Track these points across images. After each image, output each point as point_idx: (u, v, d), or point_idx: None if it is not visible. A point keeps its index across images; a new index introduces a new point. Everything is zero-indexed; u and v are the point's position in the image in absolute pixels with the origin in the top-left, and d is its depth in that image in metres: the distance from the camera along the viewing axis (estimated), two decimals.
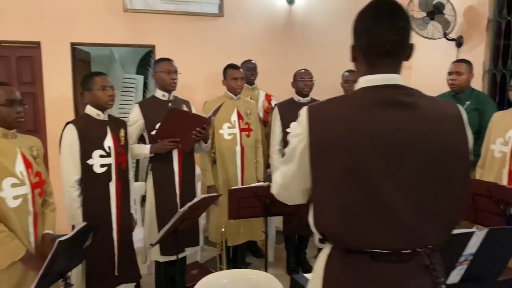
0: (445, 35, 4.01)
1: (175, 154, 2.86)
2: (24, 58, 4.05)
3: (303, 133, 1.18)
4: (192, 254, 3.18)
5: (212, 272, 3.48)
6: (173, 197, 2.88)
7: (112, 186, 2.49)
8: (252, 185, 2.72)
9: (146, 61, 5.87)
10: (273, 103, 4.03)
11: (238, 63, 3.84)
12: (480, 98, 3.07)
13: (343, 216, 1.13)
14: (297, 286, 1.86)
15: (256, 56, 4.07)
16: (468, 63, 3.14)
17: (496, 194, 2.06)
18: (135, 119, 2.82)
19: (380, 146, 1.10)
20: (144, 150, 2.79)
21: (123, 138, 2.59)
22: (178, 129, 2.68)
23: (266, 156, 3.70)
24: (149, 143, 2.84)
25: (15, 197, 1.88)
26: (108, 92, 2.46)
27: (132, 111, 2.86)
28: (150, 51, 5.84)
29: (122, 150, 2.56)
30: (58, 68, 3.98)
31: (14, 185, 1.88)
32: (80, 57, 4.43)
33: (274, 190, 1.36)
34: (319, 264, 1.25)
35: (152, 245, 2.49)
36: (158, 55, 4.24)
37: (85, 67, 4.68)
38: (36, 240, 2.00)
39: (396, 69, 1.19)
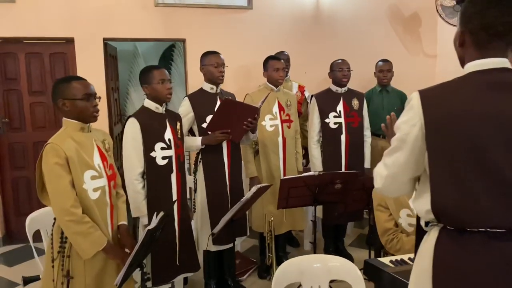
0: None
1: (224, 146, 2.90)
2: (57, 54, 4.08)
3: (416, 117, 1.22)
4: None
5: (254, 262, 3.57)
6: (223, 189, 2.93)
7: (173, 178, 2.54)
8: (304, 174, 2.78)
9: (168, 55, 5.89)
10: (306, 94, 4.08)
11: (267, 55, 3.88)
12: None
13: (464, 196, 1.16)
14: (372, 268, 1.91)
15: (284, 48, 4.11)
16: None
17: None
18: (185, 112, 2.86)
19: (499, 127, 1.14)
20: (196, 142, 2.84)
21: (179, 131, 2.64)
22: (230, 120, 2.72)
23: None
24: (199, 136, 2.89)
25: (95, 189, 1.93)
26: (167, 85, 2.50)
27: (182, 104, 2.90)
28: (172, 45, 5.87)
29: (180, 142, 2.61)
30: (91, 64, 4.01)
31: (93, 178, 1.93)
32: (110, 53, 4.46)
33: (378, 183, 1.37)
34: (427, 246, 1.28)
35: (214, 234, 2.54)
36: (189, 48, 4.29)
37: (113, 63, 4.71)
38: (113, 231, 2.05)
39: (505, 53, 1.22)
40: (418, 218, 1.42)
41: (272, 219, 3.21)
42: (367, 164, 3.65)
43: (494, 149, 1.14)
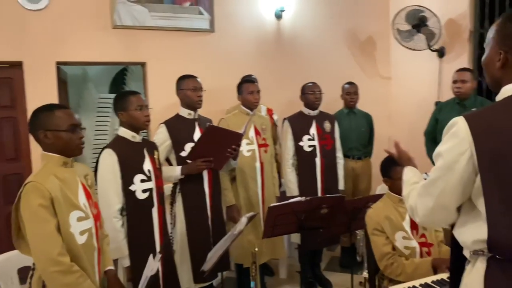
0: (429, 46, 4.25)
1: (205, 175, 2.74)
2: (2, 80, 3.68)
3: (465, 145, 1.16)
4: None
5: None
6: (205, 221, 2.75)
7: (155, 212, 2.33)
8: (291, 200, 2.67)
9: (120, 79, 5.60)
10: (275, 117, 4.03)
11: (231, 79, 3.80)
12: (484, 104, 3.27)
13: None
14: None
15: (249, 71, 4.05)
16: (471, 71, 3.34)
17: None
18: (162, 140, 2.66)
19: None
20: (175, 172, 2.65)
21: (157, 160, 2.43)
22: (213, 147, 2.58)
23: None
24: (177, 165, 2.70)
25: (82, 232, 1.69)
26: (145, 112, 2.31)
27: (158, 132, 2.70)
28: (124, 68, 5.60)
29: (159, 173, 2.41)
30: (42, 90, 3.65)
31: (80, 219, 1.69)
32: (61, 77, 4.12)
33: (420, 216, 1.32)
34: (474, 277, 1.23)
35: (205, 272, 2.33)
36: (150, 72, 4.08)
37: (63, 88, 4.36)
38: (100, 278, 1.80)
39: None
40: (453, 246, 1.36)
41: (256, 249, 3.05)
42: (341, 186, 3.64)
43: None
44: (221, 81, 4.17)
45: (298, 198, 2.69)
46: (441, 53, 4.33)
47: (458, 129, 1.18)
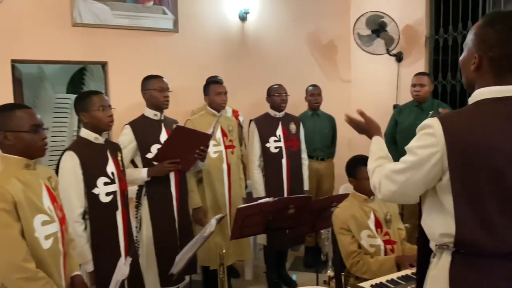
0: (388, 51, 4.40)
1: (172, 177, 2.70)
2: None
3: (438, 145, 1.21)
4: None
5: None
6: (172, 223, 2.71)
7: (119, 216, 2.26)
8: (260, 201, 2.68)
9: (78, 79, 5.40)
10: (241, 118, 4.03)
11: (195, 80, 3.77)
12: (440, 106, 3.43)
13: (484, 222, 1.18)
14: None
15: (213, 72, 4.03)
16: (428, 75, 3.50)
17: None
18: (127, 141, 2.60)
19: None
20: (141, 174, 2.59)
21: (121, 163, 2.37)
22: (181, 148, 2.54)
23: None
24: (143, 167, 2.64)
25: (47, 237, 1.61)
26: (108, 112, 2.24)
27: (123, 133, 2.63)
28: (83, 67, 5.40)
29: (123, 175, 2.34)
30: None
31: (45, 223, 1.62)
32: (14, 76, 3.92)
33: (382, 195, 1.38)
34: (440, 270, 1.28)
35: (174, 275, 2.29)
36: (112, 72, 3.96)
37: (18, 88, 4.15)
38: (66, 283, 1.73)
39: None
40: (420, 239, 1.42)
41: (224, 251, 3.03)
42: (306, 187, 3.70)
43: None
44: (185, 82, 4.12)
45: (266, 199, 2.71)
46: (399, 57, 4.50)
47: (434, 131, 1.22)
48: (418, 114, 3.51)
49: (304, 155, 3.71)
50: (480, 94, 1.25)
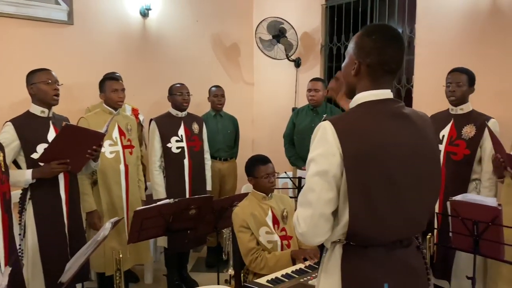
0: (287, 56, 4.61)
1: (61, 178, 2.50)
2: None
3: (333, 150, 1.25)
4: None
5: None
6: (60, 229, 2.51)
7: None
8: (159, 203, 2.61)
9: None
10: (141, 117, 3.89)
11: (92, 75, 3.57)
12: (334, 111, 3.68)
13: (376, 218, 1.27)
14: None
15: (112, 69, 3.84)
16: (323, 81, 3.73)
17: None
18: (9, 140, 2.35)
19: (402, 154, 1.29)
20: (25, 176, 2.35)
21: (3, 163, 2.13)
22: (70, 148, 2.36)
23: None
24: (27, 168, 2.41)
25: None
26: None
27: (3, 131, 2.37)
28: None
29: (5, 177, 2.10)
30: None
31: None
32: None
33: (302, 227, 1.31)
34: (333, 263, 1.37)
35: (63, 283, 2.11)
36: None
37: None
38: None
39: (391, 85, 1.39)
40: None
41: (121, 255, 2.89)
42: (208, 187, 3.70)
43: (399, 175, 1.28)
44: (80, 77, 3.87)
45: (166, 201, 2.65)
46: (297, 63, 4.73)
47: (326, 134, 1.27)
48: (313, 117, 3.74)
49: (207, 155, 3.70)
50: (362, 97, 1.35)
